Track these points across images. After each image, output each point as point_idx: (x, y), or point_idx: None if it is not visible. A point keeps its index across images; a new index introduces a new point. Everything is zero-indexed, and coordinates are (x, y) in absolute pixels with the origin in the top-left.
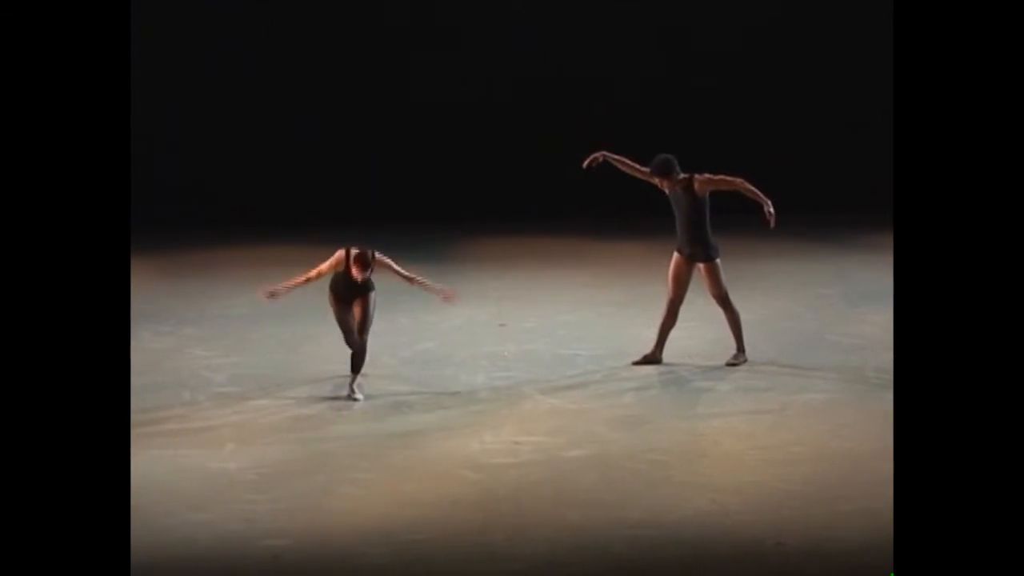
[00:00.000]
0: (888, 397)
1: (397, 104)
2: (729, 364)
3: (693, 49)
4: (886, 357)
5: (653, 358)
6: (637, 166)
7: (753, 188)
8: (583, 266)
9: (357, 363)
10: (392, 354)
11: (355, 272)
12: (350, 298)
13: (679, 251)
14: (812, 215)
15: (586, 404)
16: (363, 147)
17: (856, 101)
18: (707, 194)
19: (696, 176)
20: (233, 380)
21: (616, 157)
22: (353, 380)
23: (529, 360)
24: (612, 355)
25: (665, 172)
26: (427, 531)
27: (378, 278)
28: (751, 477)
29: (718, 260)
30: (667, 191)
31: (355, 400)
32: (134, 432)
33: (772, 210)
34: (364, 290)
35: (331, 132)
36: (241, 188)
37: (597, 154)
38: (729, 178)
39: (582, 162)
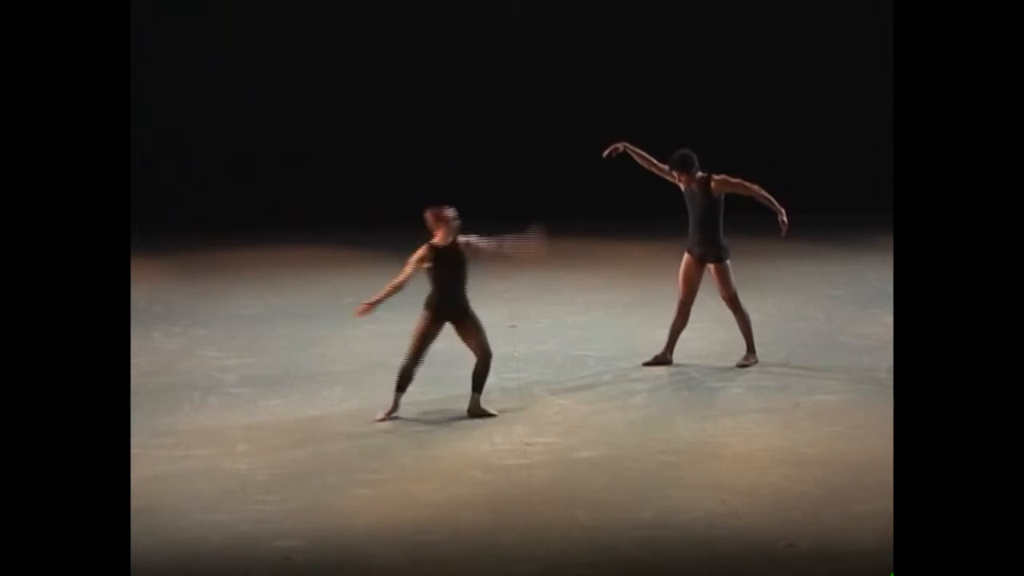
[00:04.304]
0: None
1: (409, 106)
2: (740, 365)
3: (705, 49)
4: None
5: (664, 359)
6: (655, 161)
7: (768, 195)
8: (595, 267)
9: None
10: (402, 355)
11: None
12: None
13: (689, 251)
14: (823, 216)
15: (597, 405)
16: (375, 148)
17: (867, 101)
18: (723, 195)
19: (714, 176)
20: (244, 381)
21: (636, 150)
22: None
23: (540, 361)
24: (623, 356)
25: (684, 167)
26: (438, 532)
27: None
28: (762, 478)
29: (728, 261)
30: (683, 188)
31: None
32: (145, 433)
33: (786, 219)
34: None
35: (343, 133)
36: (254, 189)
37: (618, 144)
38: (747, 183)
39: (603, 151)
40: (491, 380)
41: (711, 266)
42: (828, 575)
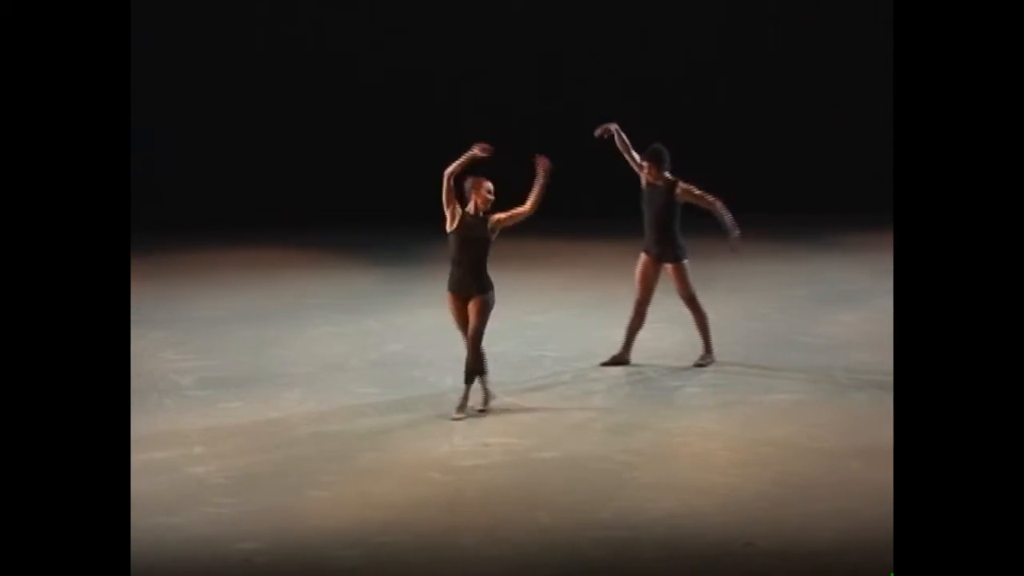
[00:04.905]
0: (857, 397)
1: (372, 106)
2: (697, 365)
3: (670, 49)
4: (855, 357)
5: (621, 359)
6: (632, 150)
7: (725, 212)
8: (552, 267)
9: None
10: (360, 356)
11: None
12: (464, 297)
13: (647, 251)
14: (780, 215)
15: (555, 405)
16: (338, 149)
17: (825, 100)
18: (683, 202)
19: (681, 183)
20: (202, 383)
21: (622, 135)
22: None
23: (498, 362)
24: (581, 356)
25: (657, 160)
26: (397, 533)
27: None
28: (721, 477)
29: (686, 261)
30: (646, 183)
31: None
32: None
33: (738, 234)
34: (479, 290)
35: (304, 135)
36: (211, 191)
37: (610, 125)
38: (710, 198)
39: (593, 131)
40: (448, 382)
41: (669, 266)
42: (787, 573)
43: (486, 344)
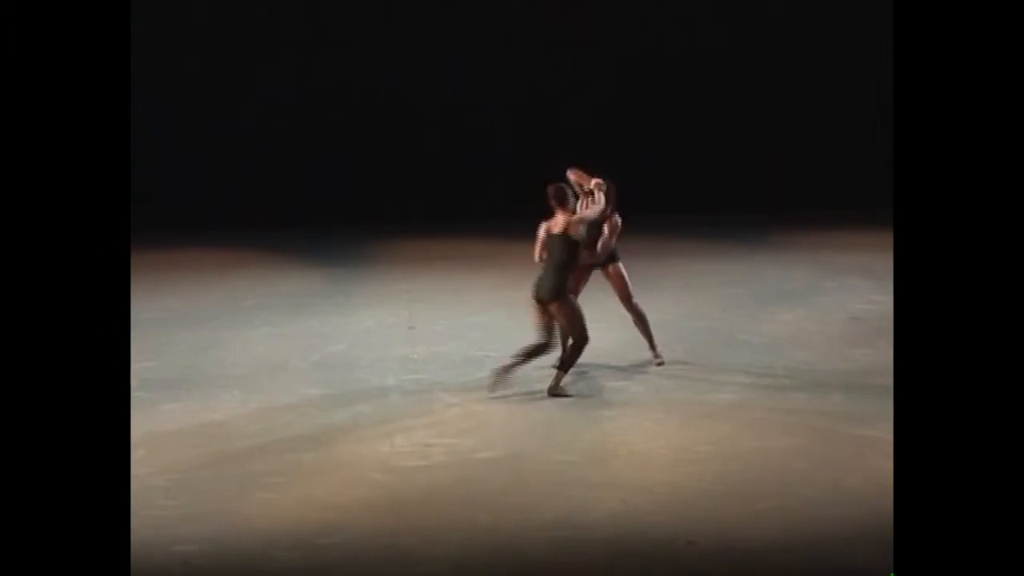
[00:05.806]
0: (798, 396)
1: (310, 106)
2: (658, 364)
3: (615, 48)
4: (795, 356)
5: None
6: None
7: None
8: (494, 268)
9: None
10: (302, 357)
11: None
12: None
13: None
14: (719, 215)
15: (497, 406)
16: (277, 149)
17: (764, 102)
18: None
19: (617, 217)
20: (142, 385)
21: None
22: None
23: (440, 362)
24: None
25: (611, 186)
26: (338, 535)
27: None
28: (662, 476)
29: (620, 263)
30: (584, 195)
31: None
32: None
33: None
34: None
35: (245, 135)
36: (151, 191)
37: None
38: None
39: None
40: (390, 382)
41: (609, 268)
42: (730, 572)
43: (436, 342)
